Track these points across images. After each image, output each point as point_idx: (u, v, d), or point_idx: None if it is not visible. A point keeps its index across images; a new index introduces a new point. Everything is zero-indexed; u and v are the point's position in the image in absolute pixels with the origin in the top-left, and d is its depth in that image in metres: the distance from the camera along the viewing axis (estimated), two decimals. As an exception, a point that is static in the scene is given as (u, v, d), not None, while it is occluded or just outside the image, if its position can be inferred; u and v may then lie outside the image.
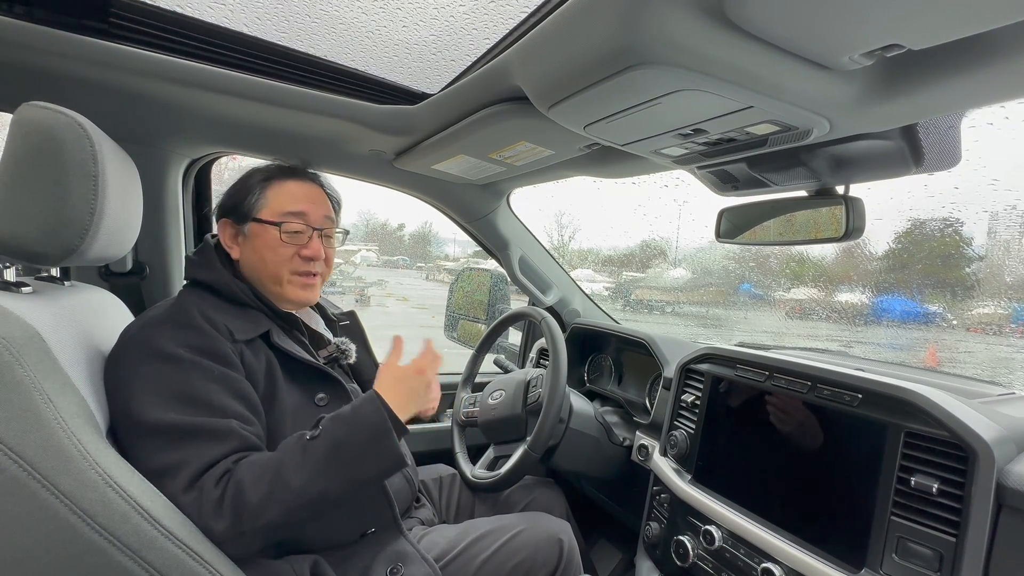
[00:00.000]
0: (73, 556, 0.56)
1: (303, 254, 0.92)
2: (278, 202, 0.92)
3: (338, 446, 0.76)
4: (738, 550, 0.90)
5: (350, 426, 0.78)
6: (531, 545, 0.97)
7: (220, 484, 0.69)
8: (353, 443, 0.77)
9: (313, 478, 0.73)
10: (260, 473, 0.71)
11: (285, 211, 0.92)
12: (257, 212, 0.92)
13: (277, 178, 0.95)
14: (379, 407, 0.80)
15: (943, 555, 0.65)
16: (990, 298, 2.34)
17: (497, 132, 0.99)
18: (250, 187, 0.93)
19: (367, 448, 0.78)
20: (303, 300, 0.95)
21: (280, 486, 0.71)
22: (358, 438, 0.77)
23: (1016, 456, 0.68)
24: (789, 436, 0.90)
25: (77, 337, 0.73)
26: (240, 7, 0.87)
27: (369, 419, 0.79)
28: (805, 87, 0.61)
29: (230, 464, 0.72)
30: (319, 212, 0.95)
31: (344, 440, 0.76)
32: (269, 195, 0.93)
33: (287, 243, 0.91)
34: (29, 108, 0.66)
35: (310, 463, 0.73)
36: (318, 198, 0.97)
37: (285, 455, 0.74)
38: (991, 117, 0.85)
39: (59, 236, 0.66)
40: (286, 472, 0.72)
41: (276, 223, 0.91)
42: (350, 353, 1.04)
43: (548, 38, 0.67)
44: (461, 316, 2.03)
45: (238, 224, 0.93)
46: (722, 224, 1.08)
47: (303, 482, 0.72)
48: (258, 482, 0.70)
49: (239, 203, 0.93)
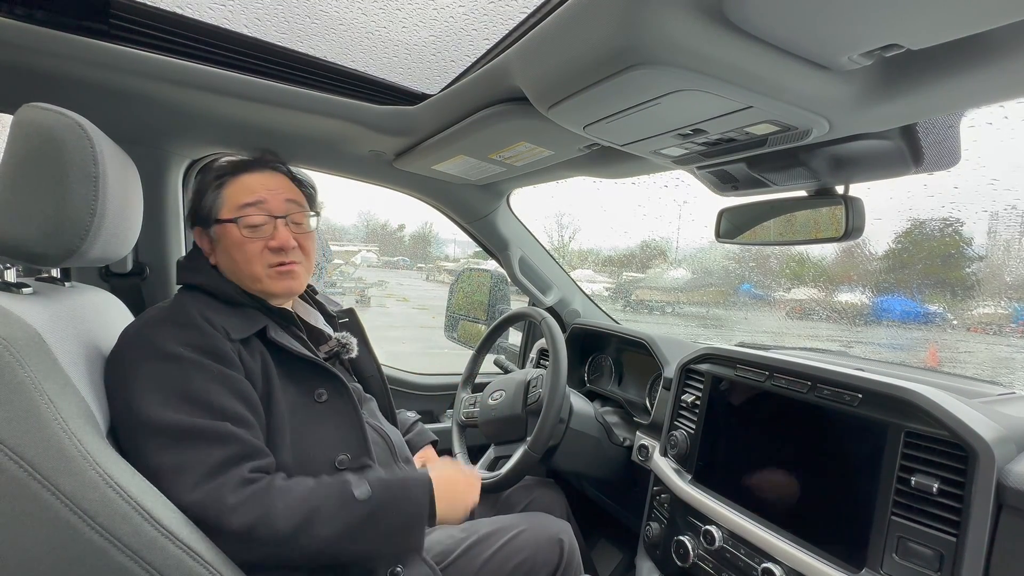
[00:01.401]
0: (73, 556, 0.56)
1: (271, 246, 0.88)
2: (234, 197, 0.89)
3: (377, 518, 0.76)
4: (738, 550, 0.90)
5: (396, 500, 0.79)
6: (531, 545, 0.97)
7: (239, 494, 0.69)
8: (391, 520, 0.77)
9: (341, 536, 0.73)
10: (295, 506, 0.71)
11: (241, 203, 0.88)
12: (217, 213, 0.89)
13: (230, 175, 0.91)
14: (428, 494, 0.81)
15: (943, 555, 0.65)
16: (990, 298, 2.34)
17: (497, 132, 0.99)
18: (205, 189, 0.91)
19: (400, 529, 0.78)
20: (286, 290, 0.91)
21: (309, 529, 0.71)
22: (396, 517, 0.78)
23: (1016, 456, 0.68)
24: (789, 436, 0.90)
25: (78, 338, 0.73)
26: (240, 8, 0.87)
27: (416, 500, 0.80)
28: (804, 87, 0.61)
29: (247, 474, 0.71)
30: (278, 198, 0.90)
31: (384, 514, 0.77)
32: (225, 193, 0.89)
33: (250, 237, 0.87)
34: (29, 109, 0.66)
35: (347, 521, 0.74)
36: (277, 184, 0.92)
37: (324, 500, 0.74)
38: (991, 117, 0.86)
39: (59, 237, 0.66)
40: (319, 519, 0.72)
41: (233, 219, 0.87)
42: (352, 347, 1.04)
43: (548, 38, 0.67)
44: (461, 316, 2.03)
45: (206, 230, 0.91)
46: (722, 224, 1.08)
47: (330, 535, 0.72)
48: (290, 514, 0.71)
49: (198, 208, 0.91)
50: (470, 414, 1.37)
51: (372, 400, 1.08)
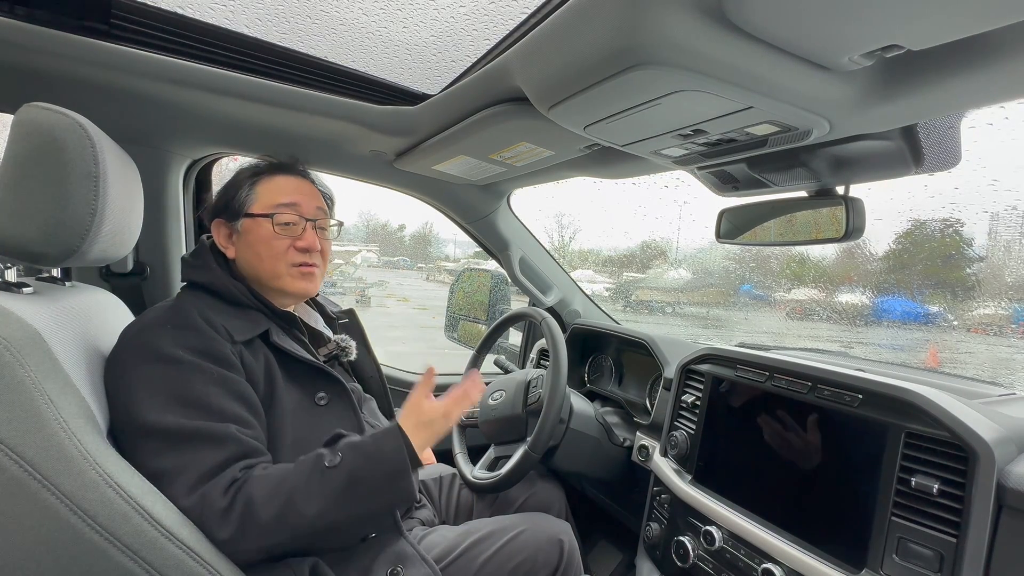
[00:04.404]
0: (73, 556, 0.56)
1: (298, 245, 0.91)
2: (269, 196, 0.92)
3: (356, 480, 0.75)
4: (738, 551, 0.90)
5: (370, 460, 0.77)
6: (531, 546, 0.97)
7: (228, 493, 0.69)
8: (371, 478, 0.76)
9: (326, 508, 0.72)
10: (273, 491, 0.70)
11: (276, 203, 0.91)
12: (249, 207, 0.91)
13: (266, 174, 0.95)
14: (401, 445, 0.79)
15: (943, 556, 0.65)
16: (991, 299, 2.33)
17: (497, 133, 0.99)
18: (240, 184, 0.93)
19: (384, 485, 0.77)
20: (303, 291, 0.94)
21: (292, 511, 0.70)
22: (377, 474, 0.76)
23: (1017, 457, 0.68)
24: (789, 437, 0.90)
25: (78, 338, 0.73)
26: (241, 8, 0.87)
27: (390, 456, 0.78)
28: (805, 88, 0.61)
29: (237, 472, 0.71)
30: (311, 203, 0.94)
31: (363, 475, 0.75)
32: (259, 190, 0.92)
33: (280, 235, 0.90)
34: (30, 109, 0.66)
35: (325, 492, 0.73)
36: (309, 191, 0.96)
37: (300, 478, 0.73)
38: (991, 117, 0.85)
39: (60, 237, 0.66)
40: (300, 497, 0.71)
41: (268, 215, 0.90)
42: (350, 350, 1.04)
43: (548, 39, 0.67)
44: (461, 317, 2.03)
45: (231, 222, 0.92)
46: (722, 225, 1.08)
47: (316, 511, 0.71)
48: (269, 501, 0.70)
49: (230, 201, 0.93)
50: (470, 414, 1.36)
51: (372, 400, 1.08)
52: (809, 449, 0.86)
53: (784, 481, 0.89)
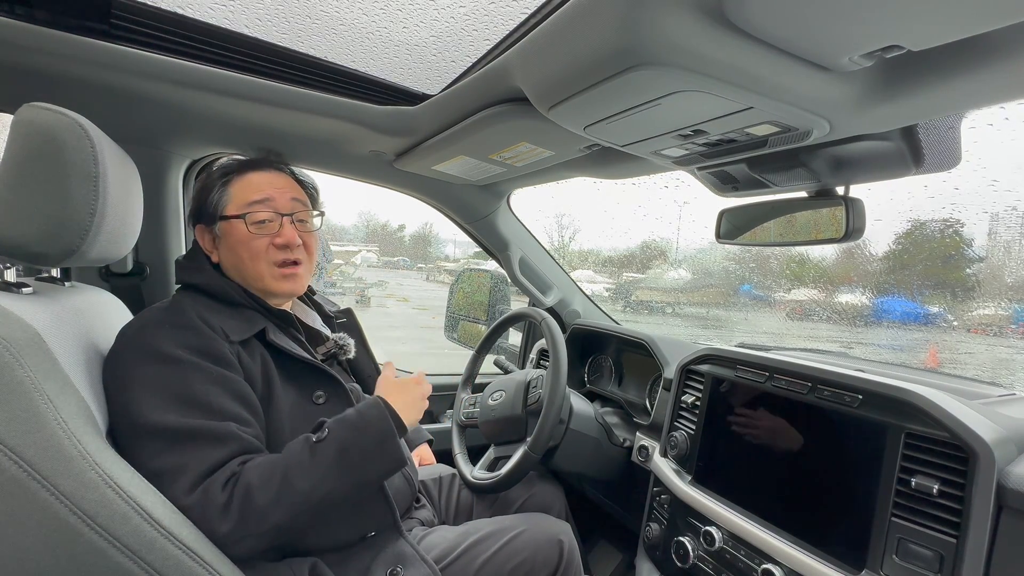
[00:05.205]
0: (73, 557, 0.56)
1: (276, 242, 0.90)
2: (241, 195, 0.90)
3: (345, 449, 0.76)
4: (738, 551, 0.90)
5: (356, 430, 0.79)
6: (531, 546, 0.97)
7: (227, 488, 0.69)
8: (360, 446, 0.78)
9: (320, 481, 0.73)
10: (267, 476, 0.71)
11: (249, 201, 0.89)
12: (223, 210, 0.90)
13: (237, 172, 0.92)
14: (384, 411, 0.82)
15: (943, 556, 0.65)
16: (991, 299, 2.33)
17: (497, 133, 0.99)
18: (212, 187, 0.91)
19: (373, 451, 0.79)
20: (288, 291, 0.93)
21: (287, 489, 0.71)
22: (364, 441, 0.78)
23: (1017, 457, 0.68)
24: (789, 437, 0.90)
25: (77, 338, 0.73)
26: (241, 8, 0.87)
27: (375, 423, 0.80)
28: (805, 88, 0.61)
29: (235, 467, 0.72)
30: (285, 197, 0.92)
31: (351, 443, 0.77)
32: (232, 190, 0.90)
33: (256, 234, 0.88)
34: (30, 109, 0.66)
35: (317, 466, 0.74)
36: (283, 184, 0.93)
37: (291, 458, 0.74)
38: (991, 118, 0.85)
39: (59, 237, 0.66)
40: (293, 475, 0.72)
41: (241, 215, 0.88)
42: (349, 348, 1.04)
43: (548, 39, 0.67)
44: (461, 317, 2.03)
45: (209, 227, 0.91)
46: (722, 225, 1.08)
47: (310, 485, 0.72)
48: (265, 485, 0.70)
49: (203, 205, 0.91)
50: (470, 414, 1.37)
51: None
52: (809, 450, 0.86)
53: (784, 481, 0.89)
